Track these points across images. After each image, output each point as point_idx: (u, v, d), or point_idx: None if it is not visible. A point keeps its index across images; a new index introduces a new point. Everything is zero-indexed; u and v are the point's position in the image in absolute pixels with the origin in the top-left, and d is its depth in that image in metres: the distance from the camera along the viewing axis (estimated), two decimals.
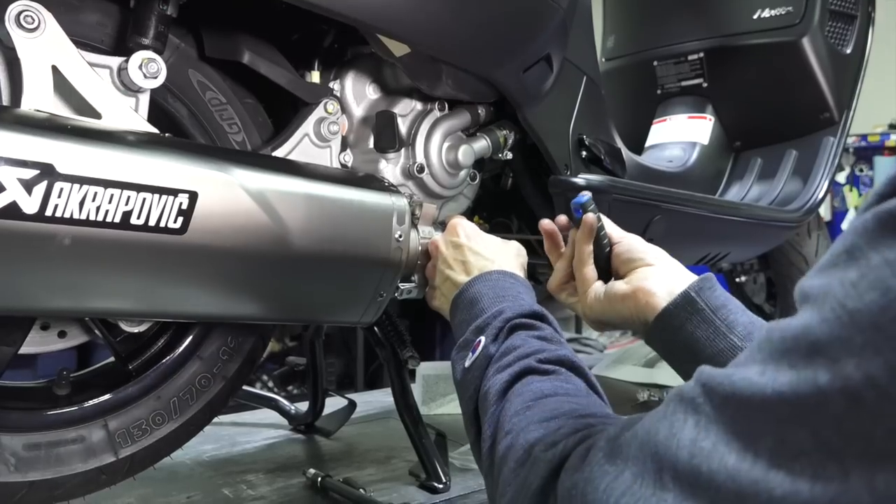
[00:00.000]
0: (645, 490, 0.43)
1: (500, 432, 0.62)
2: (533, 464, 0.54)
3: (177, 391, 0.93)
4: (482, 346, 0.74)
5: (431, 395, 1.61)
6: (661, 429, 0.44)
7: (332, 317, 0.99)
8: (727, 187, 1.74)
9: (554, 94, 1.13)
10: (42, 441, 0.84)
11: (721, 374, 0.41)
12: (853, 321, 0.34)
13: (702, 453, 0.40)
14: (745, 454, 0.38)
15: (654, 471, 0.43)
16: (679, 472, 0.41)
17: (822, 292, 0.37)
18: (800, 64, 1.62)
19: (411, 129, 1.06)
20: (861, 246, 0.36)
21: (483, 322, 0.78)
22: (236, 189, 0.79)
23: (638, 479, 0.44)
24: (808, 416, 0.35)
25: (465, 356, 0.76)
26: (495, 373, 0.69)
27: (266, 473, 1.22)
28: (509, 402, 0.64)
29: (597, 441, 0.50)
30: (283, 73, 0.95)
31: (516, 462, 0.56)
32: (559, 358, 0.69)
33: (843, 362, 0.34)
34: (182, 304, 0.82)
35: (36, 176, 0.66)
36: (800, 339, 0.37)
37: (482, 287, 0.84)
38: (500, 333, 0.75)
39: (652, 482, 0.43)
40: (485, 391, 0.69)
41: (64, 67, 0.76)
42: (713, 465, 0.39)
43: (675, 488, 0.41)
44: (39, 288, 0.71)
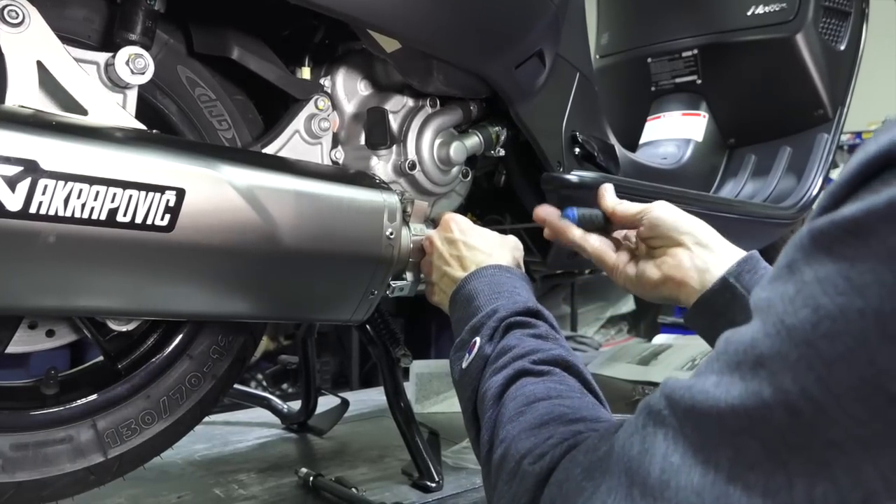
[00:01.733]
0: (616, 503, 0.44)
1: (495, 439, 0.63)
2: (522, 478, 0.55)
3: (167, 390, 0.92)
4: (478, 347, 0.74)
5: (425, 394, 1.61)
6: (635, 443, 0.44)
7: (322, 315, 0.98)
8: (721, 184, 1.74)
9: (547, 90, 1.13)
10: (30, 441, 0.83)
11: (682, 387, 0.42)
12: (790, 337, 0.36)
13: (671, 468, 0.41)
14: (708, 467, 0.39)
15: (626, 485, 0.44)
16: (648, 489, 0.42)
17: (767, 305, 0.38)
18: (794, 60, 1.62)
19: (403, 126, 1.05)
20: (798, 260, 0.37)
21: (478, 322, 0.77)
22: (225, 186, 0.78)
23: (612, 492, 0.45)
24: (757, 428, 0.37)
25: (462, 357, 0.76)
26: (491, 374, 0.69)
27: (258, 473, 1.22)
28: (504, 406, 0.65)
29: (576, 455, 0.51)
30: (273, 70, 0.94)
31: (508, 474, 0.57)
32: (554, 358, 0.69)
33: (782, 376, 0.36)
34: (171, 302, 0.81)
35: (19, 172, 0.65)
36: (748, 352, 0.38)
37: (478, 284, 0.84)
38: (495, 333, 0.74)
39: (623, 497, 0.43)
40: (482, 393, 0.69)
41: (49, 63, 0.75)
42: (681, 481, 0.40)
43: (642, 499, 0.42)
44: (24, 286, 0.70)
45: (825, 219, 0.36)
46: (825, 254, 0.36)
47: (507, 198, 1.25)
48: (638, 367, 1.89)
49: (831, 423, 0.34)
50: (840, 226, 0.35)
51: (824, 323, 0.34)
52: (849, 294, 0.34)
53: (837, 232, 0.35)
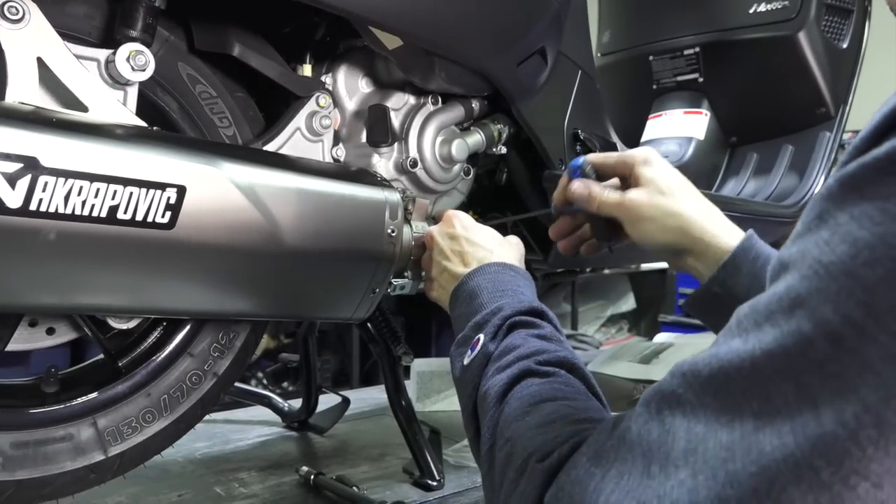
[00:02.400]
0: (631, 482, 0.44)
1: (499, 438, 0.62)
2: (530, 475, 0.55)
3: (167, 388, 0.92)
4: (481, 345, 0.73)
5: (426, 392, 1.61)
6: (653, 429, 0.45)
7: (324, 313, 0.98)
8: (723, 183, 1.74)
9: (548, 87, 1.12)
10: (30, 439, 0.83)
11: (700, 361, 0.43)
12: (829, 273, 0.37)
13: (696, 438, 0.41)
14: (733, 425, 0.40)
15: (642, 465, 0.44)
16: (671, 461, 0.42)
17: (800, 255, 0.40)
18: (796, 58, 1.62)
19: (404, 123, 1.05)
20: (829, 209, 0.39)
21: (482, 319, 0.76)
22: (226, 183, 0.78)
23: (624, 475, 0.45)
24: (793, 367, 0.38)
25: (463, 353, 0.75)
26: (495, 373, 0.68)
27: (259, 471, 1.21)
28: (508, 405, 0.64)
29: (583, 448, 0.51)
30: (274, 67, 0.94)
31: (515, 472, 0.57)
32: (559, 360, 0.68)
33: (823, 309, 0.37)
34: (171, 300, 0.81)
35: (19, 169, 0.64)
36: (783, 299, 0.40)
37: (481, 280, 0.83)
38: (498, 331, 0.74)
39: (638, 475, 0.44)
40: (484, 391, 0.68)
41: (49, 60, 0.75)
42: (708, 445, 0.40)
43: (661, 474, 0.42)
44: (24, 284, 0.70)
45: (853, 164, 0.38)
46: (857, 195, 0.37)
47: (508, 196, 1.25)
48: (639, 366, 1.89)
49: (870, 344, 0.35)
50: (870, 166, 0.37)
51: (863, 253, 0.36)
52: (886, 223, 0.36)
53: (868, 173, 0.37)
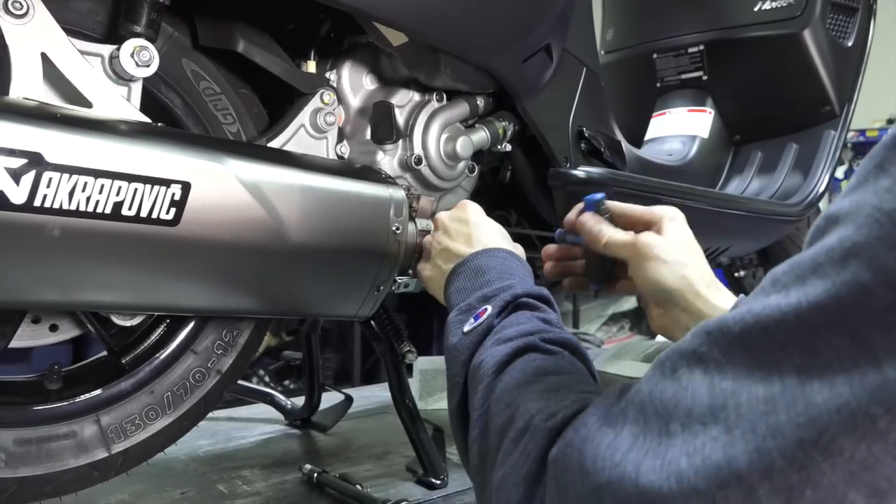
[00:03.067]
0: (649, 442, 0.42)
1: (496, 404, 0.60)
2: (533, 433, 0.53)
3: (171, 386, 0.91)
4: (487, 315, 0.71)
5: (429, 390, 1.60)
6: (666, 388, 0.43)
7: (328, 310, 0.97)
8: (727, 181, 1.73)
9: (553, 85, 1.12)
10: (33, 436, 0.82)
11: (731, 317, 0.41)
12: (891, 219, 0.35)
13: (724, 393, 0.39)
14: (771, 379, 0.37)
15: (657, 426, 0.42)
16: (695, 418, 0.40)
17: (856, 206, 0.37)
18: (801, 57, 1.61)
19: (409, 121, 1.04)
20: (891, 157, 0.37)
21: (490, 292, 0.75)
22: (230, 180, 0.78)
23: (639, 437, 0.43)
24: (848, 318, 0.35)
25: (464, 321, 0.73)
26: (495, 344, 0.67)
27: (261, 469, 1.21)
28: (509, 375, 0.62)
29: (589, 409, 0.49)
30: (278, 63, 0.94)
31: (516, 433, 0.55)
32: (563, 340, 0.67)
33: (885, 256, 0.35)
34: (175, 297, 0.81)
35: (24, 165, 0.64)
36: (834, 250, 0.37)
37: (489, 260, 0.81)
38: (506, 307, 0.72)
39: (655, 434, 0.42)
40: (480, 360, 0.66)
41: (53, 55, 0.75)
42: (741, 399, 0.38)
43: (685, 432, 0.40)
44: (28, 280, 0.70)
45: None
46: None
47: (512, 194, 1.25)
48: (643, 365, 1.88)
49: None
50: None
51: None
52: None
53: None
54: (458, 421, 0.67)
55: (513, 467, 0.52)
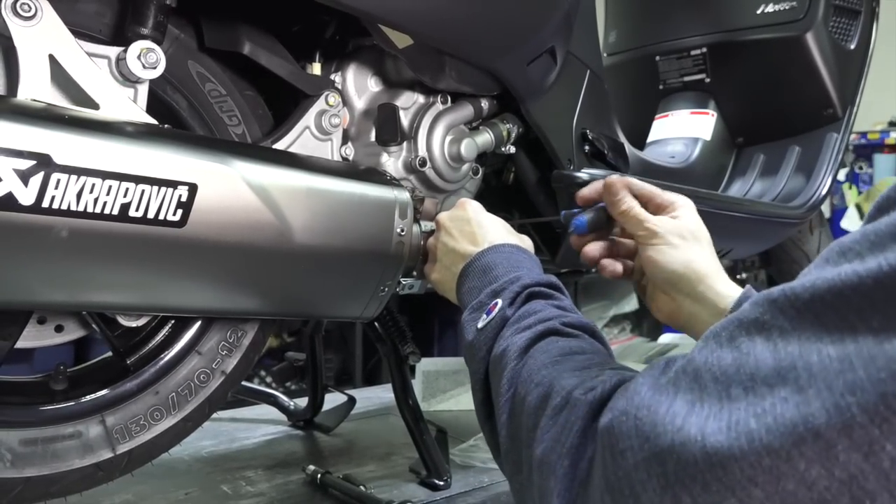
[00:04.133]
0: (710, 408, 0.40)
1: (526, 385, 0.59)
2: (573, 406, 0.52)
3: (175, 386, 0.91)
4: (498, 308, 0.71)
5: (431, 392, 1.61)
6: (725, 356, 0.42)
7: (333, 311, 0.98)
8: (729, 184, 1.73)
9: (557, 87, 1.12)
10: (38, 437, 0.82)
11: (799, 285, 0.40)
12: None
13: (790, 356, 0.38)
14: (844, 342, 0.37)
15: (716, 391, 0.41)
16: (759, 379, 0.39)
17: None
18: (803, 59, 1.61)
19: (413, 123, 1.04)
20: None
21: (499, 286, 0.75)
22: (237, 181, 0.78)
23: (696, 403, 0.41)
24: None
25: (477, 318, 0.73)
26: (513, 333, 0.67)
27: (265, 470, 1.21)
28: (533, 358, 0.62)
29: (636, 381, 0.47)
30: (283, 65, 0.94)
31: (554, 409, 0.54)
32: (582, 324, 0.67)
33: None
34: (181, 298, 0.81)
35: (32, 167, 0.64)
36: None
37: (496, 257, 0.81)
38: (517, 298, 0.72)
39: (716, 400, 0.40)
40: (501, 350, 0.66)
41: (61, 57, 0.75)
42: (811, 359, 0.37)
43: (749, 395, 0.39)
44: (36, 281, 0.70)
45: None
46: None
47: (515, 196, 1.25)
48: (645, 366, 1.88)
49: None
50: None
51: None
52: None
53: None
54: (484, 415, 0.67)
55: (555, 441, 0.51)
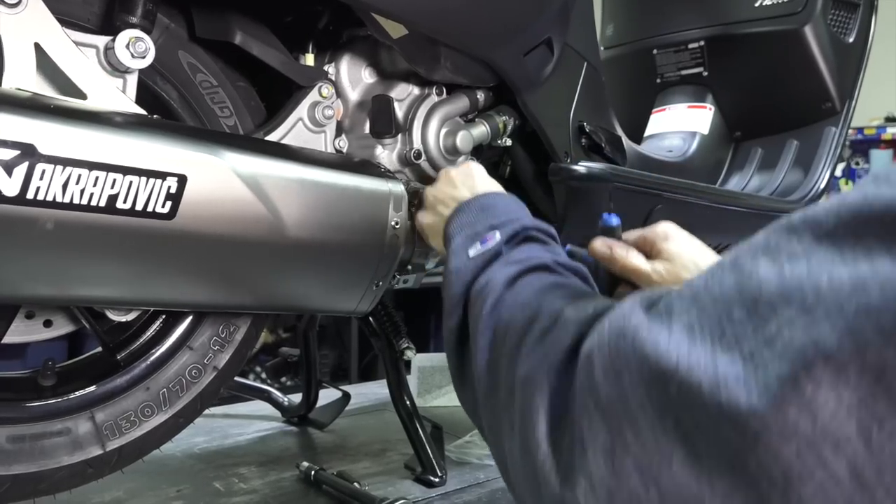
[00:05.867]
0: (711, 332, 0.38)
1: (511, 309, 0.58)
2: (564, 325, 0.50)
3: (166, 382, 0.90)
4: (495, 242, 0.69)
5: (427, 387, 1.60)
6: (725, 279, 0.39)
7: (326, 306, 0.96)
8: (727, 178, 1.72)
9: (554, 79, 1.11)
10: (26, 433, 0.81)
11: (819, 208, 0.38)
12: None
13: (799, 277, 0.36)
14: (857, 264, 0.35)
15: (715, 314, 0.38)
16: (765, 301, 0.36)
17: None
18: (802, 53, 1.60)
19: (408, 115, 1.03)
20: None
21: (499, 222, 0.73)
22: (227, 173, 0.76)
23: (695, 326, 0.39)
24: None
25: (469, 245, 0.71)
26: (503, 266, 0.65)
27: (258, 466, 1.20)
28: (522, 285, 0.60)
29: (631, 303, 0.45)
30: (276, 55, 0.92)
31: (542, 330, 0.52)
32: (575, 268, 0.65)
33: None
34: (171, 292, 0.80)
35: (16, 157, 0.63)
36: None
37: (497, 199, 0.80)
38: (515, 236, 0.70)
39: (716, 323, 0.38)
40: (486, 279, 0.64)
41: (47, 46, 0.73)
42: (820, 281, 0.35)
43: (753, 318, 0.37)
44: (21, 274, 0.69)
45: None
46: None
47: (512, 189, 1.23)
48: None
49: None
50: None
51: None
52: None
53: None
54: (454, 342, 0.66)
55: (542, 359, 0.49)
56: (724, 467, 0.36)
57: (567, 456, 0.44)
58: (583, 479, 0.41)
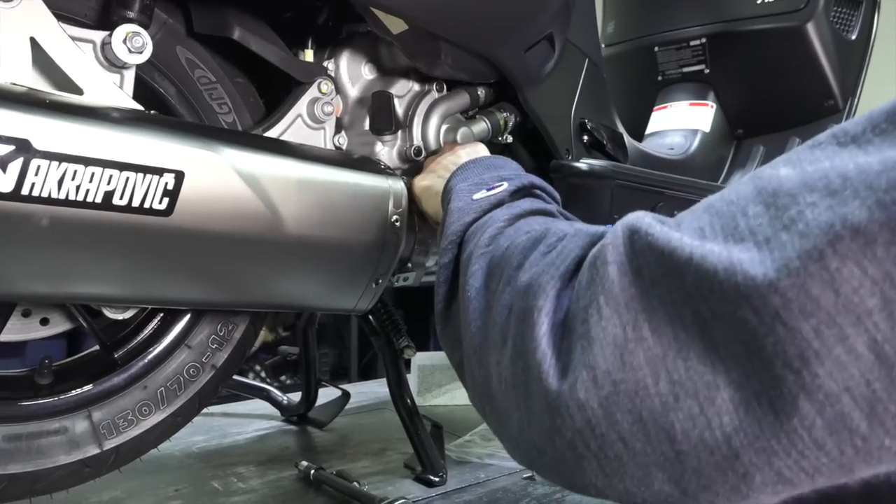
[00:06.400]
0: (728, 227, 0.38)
1: (512, 237, 0.56)
2: (573, 237, 0.50)
3: (164, 381, 0.89)
4: (502, 189, 0.69)
5: (427, 386, 1.59)
6: (740, 187, 0.39)
7: (326, 304, 0.95)
8: (729, 176, 1.71)
9: (556, 75, 1.10)
10: (23, 432, 0.81)
11: (853, 120, 0.38)
12: None
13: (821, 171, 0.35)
14: (884, 151, 0.34)
15: (731, 211, 0.38)
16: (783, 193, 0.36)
17: None
18: (804, 50, 1.59)
19: (408, 111, 1.02)
20: None
21: (507, 175, 0.72)
22: (226, 169, 0.76)
23: (711, 225, 0.39)
24: None
25: (475, 191, 0.70)
26: (506, 209, 0.64)
27: (257, 466, 1.19)
28: (523, 224, 0.59)
29: (640, 215, 0.44)
30: (275, 51, 0.91)
31: (548, 245, 0.51)
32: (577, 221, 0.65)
33: None
34: (169, 289, 0.79)
35: (11, 152, 0.62)
36: None
37: (505, 162, 0.80)
38: (521, 189, 0.69)
39: (731, 219, 0.38)
40: (486, 219, 0.64)
41: (43, 40, 0.72)
42: (846, 168, 0.35)
43: (771, 209, 0.36)
44: (16, 271, 0.68)
45: None
46: None
47: None
48: None
49: None
50: None
51: None
52: None
53: None
54: (445, 277, 0.65)
55: (548, 267, 0.48)
56: (741, 352, 0.35)
57: (566, 355, 0.43)
58: (584, 372, 0.41)
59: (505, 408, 0.48)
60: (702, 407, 0.37)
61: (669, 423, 0.38)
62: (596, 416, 0.40)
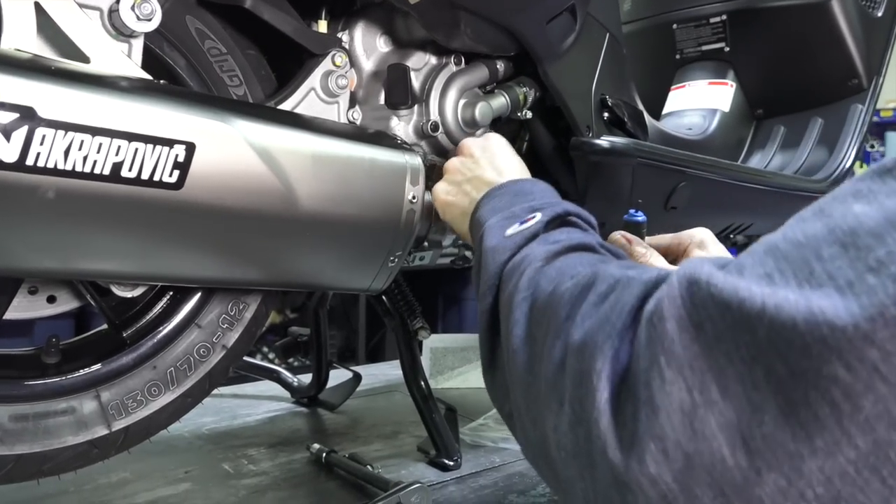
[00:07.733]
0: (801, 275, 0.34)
1: (555, 281, 0.53)
2: (626, 286, 0.46)
3: (174, 361, 0.87)
4: (535, 221, 0.65)
5: (439, 369, 1.57)
6: (808, 226, 0.36)
7: (340, 283, 0.93)
8: (748, 156, 1.68)
9: (577, 49, 1.06)
10: (30, 412, 0.79)
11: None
12: None
13: None
14: None
15: (801, 256, 0.35)
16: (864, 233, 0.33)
17: None
18: (828, 27, 1.55)
19: (425, 85, 0.99)
20: None
21: (539, 205, 0.69)
22: (238, 142, 0.73)
23: (777, 272, 0.35)
24: None
25: (508, 225, 0.67)
26: (542, 244, 0.61)
27: (268, 448, 1.18)
28: (563, 262, 0.56)
29: (698, 263, 0.40)
30: (288, 21, 0.88)
31: (599, 295, 0.48)
32: (618, 253, 0.62)
33: None
34: (179, 266, 0.76)
35: (15, 120, 0.59)
36: None
37: (533, 186, 0.76)
38: (556, 219, 0.66)
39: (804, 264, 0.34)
40: (523, 256, 0.60)
41: (49, 6, 0.69)
42: None
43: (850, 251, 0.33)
44: (21, 246, 0.65)
45: None
46: None
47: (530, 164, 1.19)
48: None
49: None
50: None
51: None
52: None
53: None
54: (487, 322, 0.62)
55: (603, 322, 0.45)
56: (828, 414, 0.31)
57: (631, 423, 0.39)
58: (652, 444, 0.37)
59: (567, 476, 0.45)
60: (789, 480, 0.33)
61: (757, 497, 0.34)
62: (672, 491, 0.36)
